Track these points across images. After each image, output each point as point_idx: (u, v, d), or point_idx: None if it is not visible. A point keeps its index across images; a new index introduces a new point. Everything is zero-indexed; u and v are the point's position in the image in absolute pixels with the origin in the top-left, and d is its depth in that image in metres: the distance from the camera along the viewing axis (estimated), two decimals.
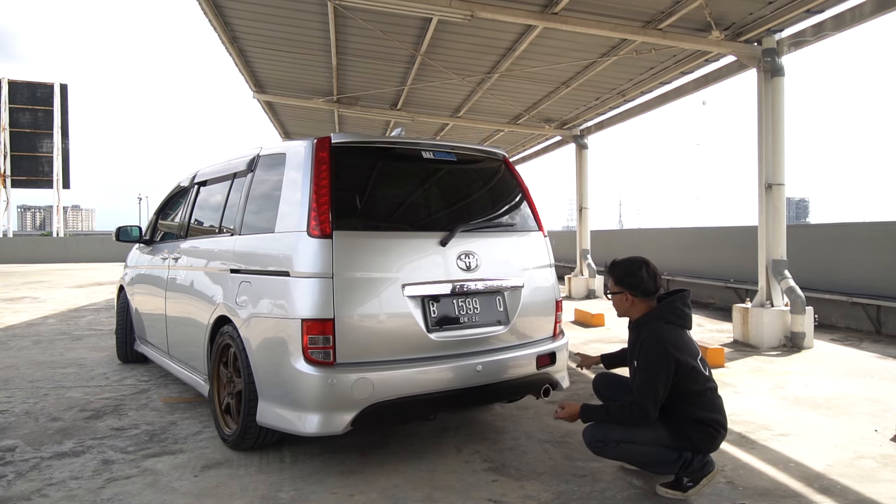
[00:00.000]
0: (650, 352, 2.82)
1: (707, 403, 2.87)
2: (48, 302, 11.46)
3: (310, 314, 2.98)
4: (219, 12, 7.34)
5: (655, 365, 2.79)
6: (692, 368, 2.83)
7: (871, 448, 3.49)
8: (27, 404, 4.47)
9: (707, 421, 2.83)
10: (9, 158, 38.86)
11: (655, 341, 2.84)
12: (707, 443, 2.85)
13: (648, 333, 2.88)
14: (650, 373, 2.80)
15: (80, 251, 28.03)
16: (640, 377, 2.84)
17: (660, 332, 2.87)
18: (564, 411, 2.99)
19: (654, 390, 2.77)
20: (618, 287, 3.07)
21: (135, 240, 5.53)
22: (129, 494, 2.92)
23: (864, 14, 5.88)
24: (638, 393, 2.81)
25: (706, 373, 2.91)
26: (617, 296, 3.08)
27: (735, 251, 9.88)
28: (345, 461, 3.32)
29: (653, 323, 2.93)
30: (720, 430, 2.86)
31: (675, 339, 2.86)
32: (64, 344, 7.00)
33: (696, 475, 2.85)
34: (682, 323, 2.95)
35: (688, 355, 2.84)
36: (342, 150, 3.31)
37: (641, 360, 2.86)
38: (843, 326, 7.66)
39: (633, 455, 2.90)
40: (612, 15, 6.57)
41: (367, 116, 11.80)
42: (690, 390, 2.83)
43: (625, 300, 3.05)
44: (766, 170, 6.66)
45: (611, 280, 3.12)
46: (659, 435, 2.83)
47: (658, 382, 2.77)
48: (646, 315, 2.99)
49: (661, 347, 2.80)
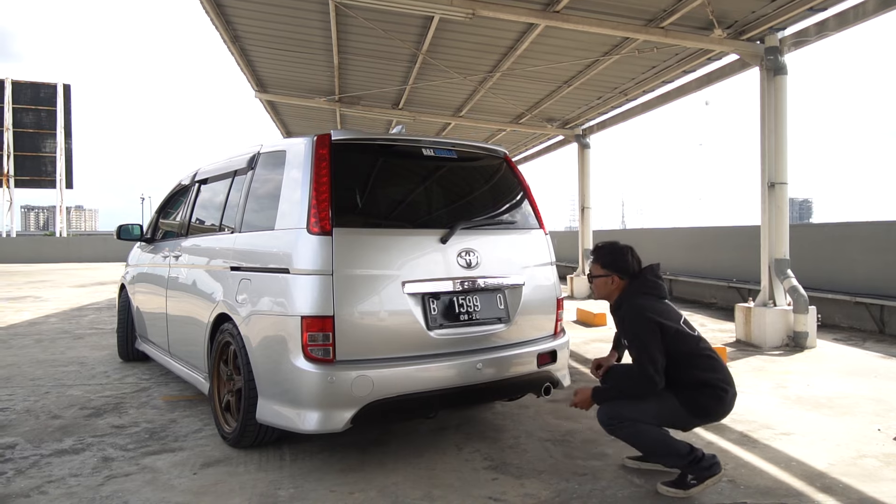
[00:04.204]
0: (633, 322, 2.96)
1: (706, 365, 2.94)
2: (50, 301, 11.48)
3: (309, 311, 2.97)
4: (220, 11, 7.35)
5: (641, 332, 2.91)
6: (676, 331, 2.93)
7: (874, 447, 3.47)
8: (28, 402, 4.47)
9: (711, 382, 2.90)
10: (12, 158, 38.95)
11: (635, 312, 2.97)
12: (717, 405, 2.91)
13: (627, 308, 3.03)
14: (639, 341, 2.91)
15: (83, 251, 28.12)
16: (633, 350, 2.96)
17: (636, 302, 3.01)
18: (577, 397, 3.06)
19: (650, 356, 2.85)
20: (605, 270, 3.17)
21: (136, 238, 5.53)
22: (128, 492, 2.92)
23: (867, 12, 5.86)
24: (637, 365, 2.91)
25: (694, 334, 3.01)
26: (602, 279, 3.18)
27: (738, 251, 9.86)
28: (344, 459, 3.31)
29: (630, 299, 3.06)
30: (727, 388, 2.92)
31: (652, 305, 2.99)
32: (65, 342, 7.01)
33: (702, 474, 2.83)
34: (656, 293, 3.08)
35: (669, 319, 2.95)
36: (342, 148, 3.30)
37: (629, 335, 2.99)
38: (846, 326, 7.63)
39: (646, 438, 2.88)
40: (614, 13, 6.55)
41: (368, 116, 11.80)
42: (683, 353, 2.92)
43: (610, 282, 3.16)
44: (769, 169, 6.63)
45: (596, 264, 3.21)
46: (670, 406, 2.89)
47: (651, 347, 2.87)
48: (622, 295, 3.12)
49: (641, 315, 2.94)
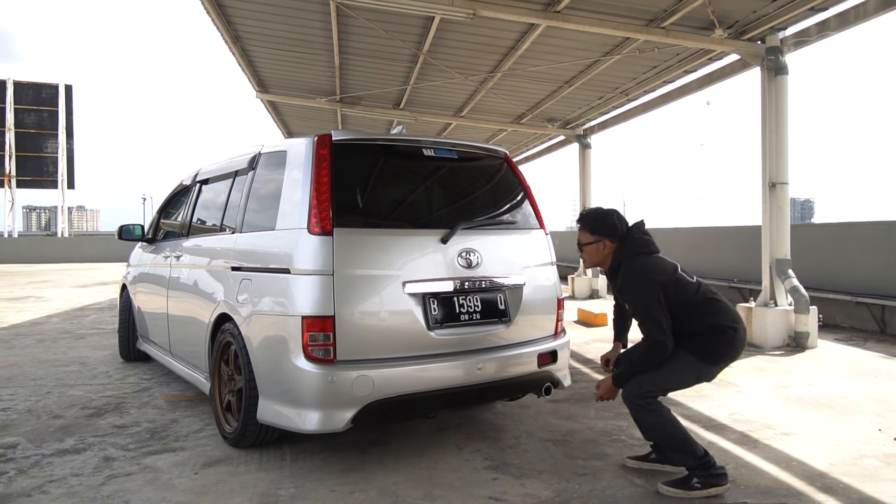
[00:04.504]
0: (633, 286, 2.95)
1: (710, 309, 2.96)
2: (52, 301, 11.50)
3: (310, 311, 2.98)
4: (221, 12, 7.36)
5: (642, 294, 2.90)
6: (675, 281, 2.95)
7: (875, 447, 3.46)
8: (29, 402, 4.48)
9: (718, 325, 2.92)
10: (14, 159, 38.97)
11: (633, 275, 2.97)
12: (728, 347, 2.93)
13: (624, 272, 3.01)
14: (642, 303, 2.90)
15: (85, 251, 28.16)
16: (637, 315, 2.95)
17: (632, 264, 3.00)
18: (601, 390, 3.05)
19: (654, 318, 2.85)
20: (595, 236, 3.13)
21: (137, 238, 5.53)
22: (129, 491, 2.92)
23: (868, 12, 5.85)
24: (644, 330, 2.90)
25: (693, 280, 3.02)
26: (592, 245, 3.14)
27: (739, 251, 9.85)
28: (345, 459, 3.32)
29: (624, 262, 3.04)
30: (735, 326, 2.95)
31: (648, 264, 2.99)
32: (67, 342, 7.02)
33: (708, 480, 2.83)
34: (648, 250, 3.06)
35: (666, 273, 2.96)
36: (343, 148, 3.30)
37: (630, 299, 2.98)
38: (847, 326, 7.63)
39: (669, 428, 2.88)
40: (615, 13, 6.55)
41: (370, 116, 11.81)
42: (685, 302, 2.93)
43: (602, 248, 3.12)
44: (770, 169, 6.63)
45: (584, 231, 3.18)
46: (688, 363, 2.91)
47: (654, 309, 2.86)
48: (614, 260, 3.10)
49: (640, 276, 2.93)
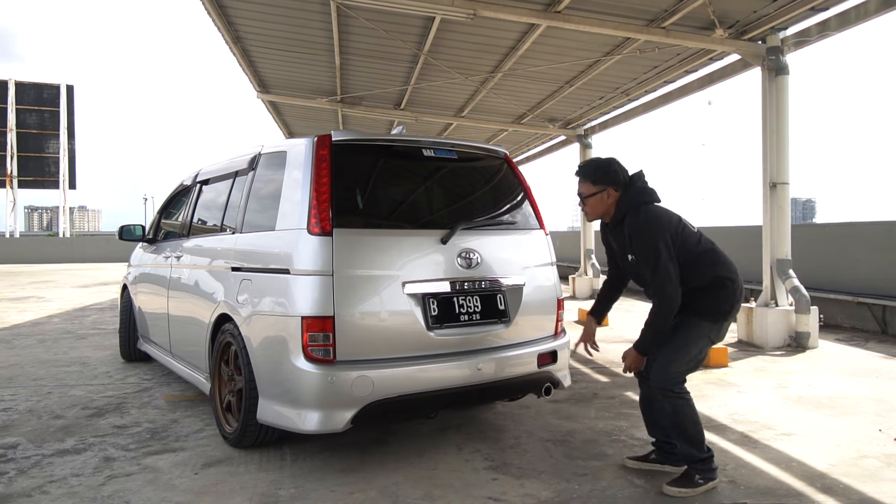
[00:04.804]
0: (643, 235, 2.88)
1: (709, 261, 2.95)
2: (53, 301, 11.51)
3: (310, 312, 2.98)
4: (222, 12, 7.37)
5: (654, 243, 2.84)
6: (682, 231, 2.93)
7: (875, 448, 3.46)
8: (30, 402, 4.49)
9: (720, 276, 2.92)
10: (16, 159, 39.05)
11: (642, 224, 2.90)
12: (732, 297, 2.92)
13: (631, 222, 2.93)
14: (653, 253, 2.83)
15: (86, 251, 28.19)
16: (647, 265, 2.86)
17: (640, 213, 2.93)
18: (627, 362, 3.00)
19: (665, 268, 2.81)
20: (598, 186, 3.04)
21: (138, 239, 5.54)
22: (130, 491, 2.93)
23: (869, 12, 5.85)
24: (655, 281, 2.84)
25: (695, 231, 3.01)
26: (596, 196, 3.05)
27: (740, 251, 9.76)
28: (345, 459, 3.32)
29: (631, 212, 2.96)
30: (735, 278, 2.95)
31: (656, 213, 2.94)
32: (68, 343, 7.03)
33: (709, 475, 2.87)
34: (652, 199, 3.01)
35: (672, 223, 2.93)
36: (343, 148, 3.31)
37: (639, 249, 2.90)
38: (848, 326, 7.62)
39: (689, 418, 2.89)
40: (615, 13, 6.55)
41: (370, 116, 11.82)
42: (689, 252, 2.90)
43: (606, 198, 3.04)
44: (771, 169, 6.63)
45: (586, 182, 3.08)
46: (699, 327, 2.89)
47: (665, 258, 2.81)
48: (619, 209, 3.02)
49: (650, 225, 2.88)
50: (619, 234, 3.06)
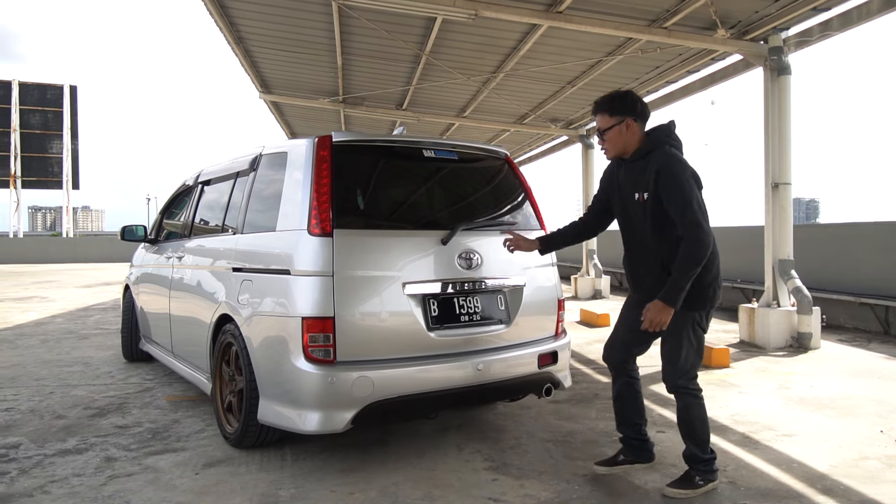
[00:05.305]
0: (676, 174, 2.70)
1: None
2: (56, 301, 11.54)
3: (310, 312, 2.98)
4: (224, 13, 7.38)
5: (688, 183, 2.68)
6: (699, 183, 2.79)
7: (877, 449, 3.45)
8: (33, 402, 4.50)
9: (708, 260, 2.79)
10: (19, 160, 39.13)
11: (678, 161, 2.75)
12: (715, 281, 2.81)
13: (664, 158, 2.75)
14: (687, 193, 2.66)
15: (90, 251, 28.24)
16: (676, 202, 2.67)
17: (676, 154, 2.79)
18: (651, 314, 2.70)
19: (700, 205, 2.67)
20: (616, 117, 2.86)
21: (140, 239, 5.55)
22: (130, 491, 2.93)
23: (872, 12, 5.84)
24: (688, 219, 2.64)
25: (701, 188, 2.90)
26: (615, 129, 2.86)
27: (742, 251, 9.81)
28: (345, 459, 3.32)
29: (659, 149, 2.80)
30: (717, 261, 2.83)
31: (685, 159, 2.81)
32: (71, 343, 7.05)
33: (709, 476, 2.86)
34: (681, 148, 2.88)
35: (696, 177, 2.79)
36: (343, 149, 3.31)
37: (669, 185, 2.69)
38: (850, 327, 7.60)
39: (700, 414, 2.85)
40: (617, 14, 6.55)
41: (372, 116, 11.83)
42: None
43: (625, 129, 2.86)
44: (773, 169, 6.62)
45: (603, 115, 2.90)
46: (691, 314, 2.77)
47: (698, 198, 2.68)
48: (647, 143, 2.84)
49: (685, 165, 2.74)
50: (635, 170, 2.86)
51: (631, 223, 2.94)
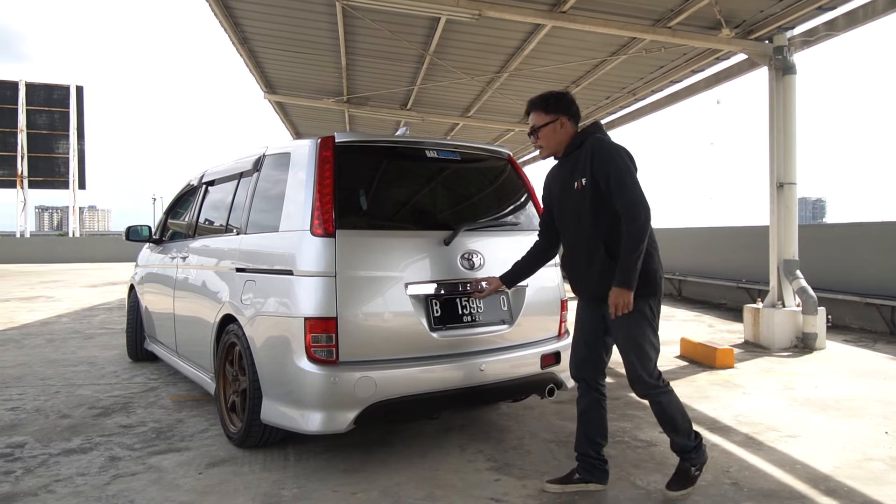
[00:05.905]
0: (612, 157, 2.73)
1: None
2: (62, 301, 11.60)
3: (312, 313, 2.99)
4: (229, 13, 7.40)
5: (624, 164, 2.72)
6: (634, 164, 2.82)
7: (881, 450, 3.44)
8: (38, 401, 4.53)
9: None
10: (26, 160, 39.31)
11: (608, 143, 2.81)
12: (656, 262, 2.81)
13: (598, 144, 2.79)
14: (624, 170, 2.70)
15: (96, 251, 28.35)
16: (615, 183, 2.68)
17: (606, 138, 2.85)
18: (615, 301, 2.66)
19: (638, 184, 2.70)
20: (551, 115, 2.89)
21: (144, 239, 5.58)
22: (134, 491, 2.95)
23: (877, 10, 5.80)
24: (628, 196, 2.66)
25: None
26: (549, 126, 2.90)
27: (747, 251, 9.79)
28: (348, 459, 3.33)
29: (591, 139, 2.83)
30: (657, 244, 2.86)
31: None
32: (76, 342, 7.08)
33: (699, 460, 2.86)
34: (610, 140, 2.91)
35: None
36: (346, 150, 3.31)
37: (605, 167, 2.72)
38: (856, 327, 7.57)
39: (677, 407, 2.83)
40: (621, 13, 6.54)
41: (377, 116, 11.84)
42: None
43: (559, 127, 2.89)
44: (778, 169, 6.59)
45: (536, 112, 2.93)
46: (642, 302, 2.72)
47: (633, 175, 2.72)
48: (579, 136, 2.89)
49: (618, 148, 2.77)
50: (570, 161, 2.89)
51: (570, 216, 2.91)
